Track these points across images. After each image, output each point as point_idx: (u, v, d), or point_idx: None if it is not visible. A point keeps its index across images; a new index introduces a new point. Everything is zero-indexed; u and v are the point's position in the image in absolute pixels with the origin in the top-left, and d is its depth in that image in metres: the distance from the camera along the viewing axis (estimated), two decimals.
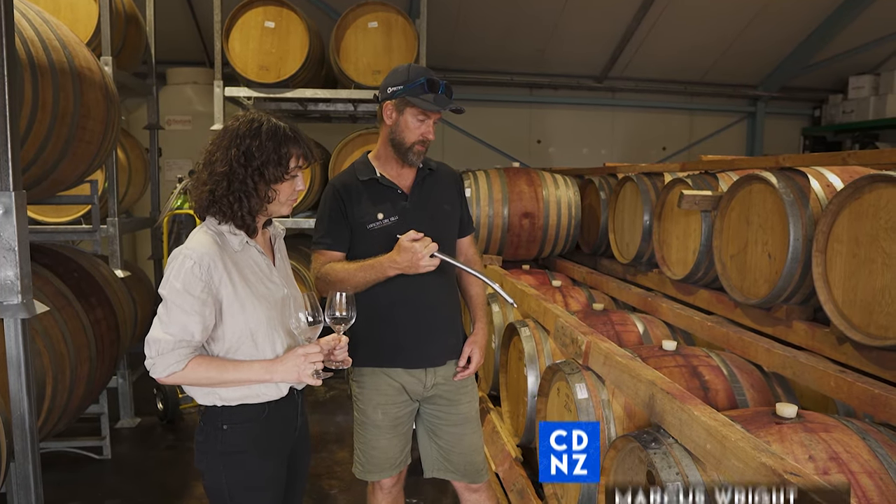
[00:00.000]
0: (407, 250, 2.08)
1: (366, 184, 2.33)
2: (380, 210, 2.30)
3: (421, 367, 2.38)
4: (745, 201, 3.46)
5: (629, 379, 2.29)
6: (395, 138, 2.28)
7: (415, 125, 2.24)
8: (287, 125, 1.80)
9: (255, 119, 1.78)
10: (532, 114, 9.68)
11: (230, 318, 1.75)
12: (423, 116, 2.23)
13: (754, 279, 3.36)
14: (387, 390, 2.36)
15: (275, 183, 1.77)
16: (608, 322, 3.48)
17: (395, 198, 2.34)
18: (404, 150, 2.28)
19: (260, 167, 1.74)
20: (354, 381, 2.42)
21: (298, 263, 5.44)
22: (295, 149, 1.78)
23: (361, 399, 2.40)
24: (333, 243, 2.30)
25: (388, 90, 2.26)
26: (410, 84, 2.20)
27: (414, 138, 2.26)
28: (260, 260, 1.84)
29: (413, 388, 2.39)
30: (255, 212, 1.79)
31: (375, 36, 5.22)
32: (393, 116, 2.26)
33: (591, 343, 2.65)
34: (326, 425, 4.54)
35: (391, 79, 2.28)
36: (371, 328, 2.31)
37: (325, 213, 2.34)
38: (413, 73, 2.23)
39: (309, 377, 1.75)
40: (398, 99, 2.23)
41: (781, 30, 8.40)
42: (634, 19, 8.20)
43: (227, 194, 1.74)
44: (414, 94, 2.20)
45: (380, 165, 2.37)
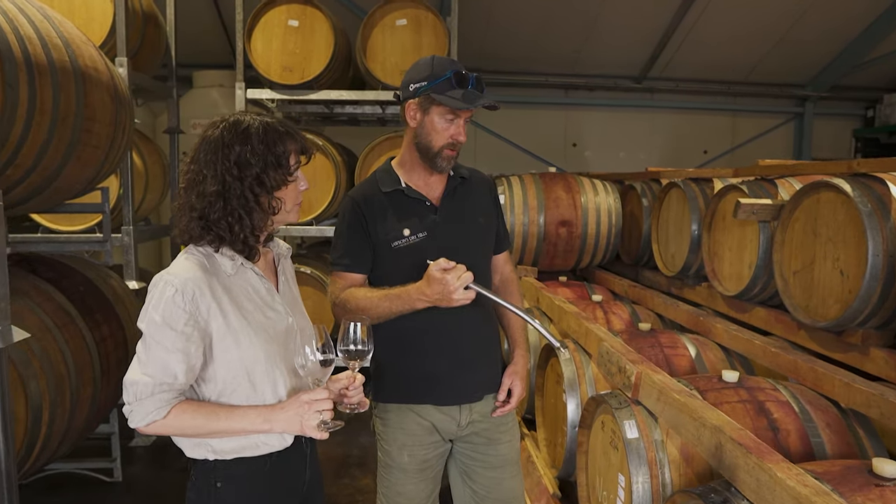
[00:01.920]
0: (437, 282, 1.79)
1: (389, 196, 2.03)
2: (406, 225, 2.00)
3: (454, 404, 2.07)
4: (811, 211, 3.10)
5: (690, 422, 1.96)
6: (421, 142, 1.99)
7: (443, 126, 1.94)
8: (275, 121, 1.54)
9: (239, 121, 1.51)
10: (567, 116, 9.33)
11: (222, 354, 1.48)
12: (451, 116, 1.93)
13: (822, 298, 3.00)
14: (415, 430, 2.06)
15: (278, 189, 1.51)
16: (656, 344, 3.14)
17: (424, 211, 2.05)
18: (432, 155, 1.98)
19: (258, 175, 1.47)
20: (378, 417, 2.13)
21: (323, 273, 5.19)
22: (291, 144, 1.53)
23: (386, 439, 2.10)
24: (353, 264, 2.01)
25: (409, 87, 1.96)
26: (435, 79, 1.90)
27: (442, 142, 1.96)
28: (258, 284, 1.57)
29: (445, 428, 2.09)
30: (260, 229, 1.52)
31: (404, 34, 4.96)
32: (417, 117, 1.97)
33: (643, 374, 2.33)
34: (349, 447, 4.28)
35: (413, 74, 1.97)
36: (397, 358, 2.04)
37: (343, 230, 2.05)
38: (438, 67, 1.93)
39: (313, 429, 1.47)
40: (422, 97, 1.94)
41: (833, 25, 7.93)
42: (676, 16, 7.82)
43: (225, 216, 1.48)
44: (440, 90, 1.90)
45: (405, 174, 2.08)
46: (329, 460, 4.06)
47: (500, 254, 2.28)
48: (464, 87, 1.90)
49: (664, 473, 2.21)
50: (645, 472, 2.21)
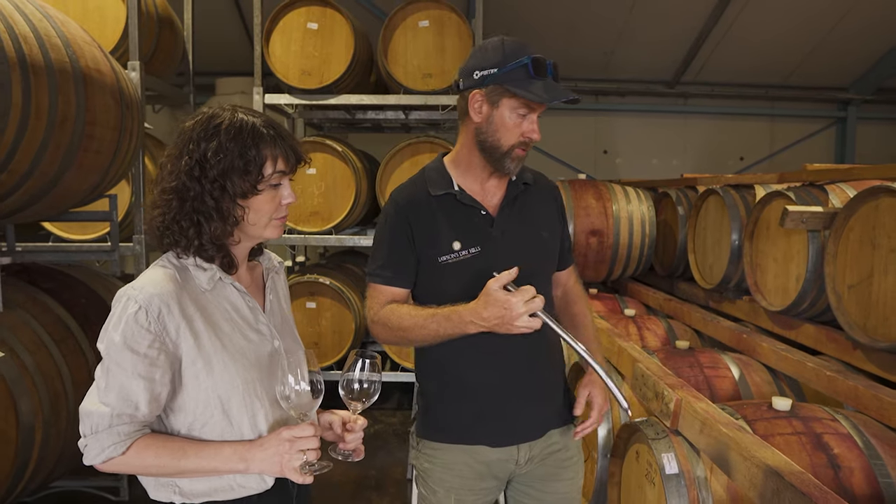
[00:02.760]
0: (497, 304, 1.47)
1: (439, 200, 1.74)
2: (456, 237, 1.71)
3: (511, 445, 1.77)
4: (868, 219, 2.81)
5: (740, 460, 1.71)
6: (486, 140, 1.68)
7: (514, 122, 1.65)
8: (260, 120, 1.32)
9: (215, 115, 1.31)
10: (597, 122, 9.07)
11: (192, 381, 1.28)
12: (525, 110, 1.64)
13: (883, 316, 2.71)
14: (465, 473, 1.77)
15: (242, 197, 1.29)
16: (695, 364, 2.88)
17: (478, 221, 1.74)
18: (499, 155, 1.68)
19: (219, 178, 1.27)
20: (423, 454, 1.83)
21: (344, 285, 5.01)
22: (269, 150, 1.30)
23: (432, 478, 1.81)
24: (395, 277, 1.73)
25: (474, 74, 1.65)
26: (508, 65, 1.61)
27: (513, 140, 1.67)
28: (239, 302, 1.37)
29: (501, 469, 1.79)
30: (221, 238, 1.31)
31: (426, 36, 4.77)
32: (483, 110, 1.66)
33: (683, 402, 2.09)
34: (366, 467, 4.07)
35: (479, 59, 1.66)
36: (444, 392, 1.77)
37: (384, 237, 1.76)
38: (510, 51, 1.63)
39: (294, 472, 1.26)
40: (491, 86, 1.63)
41: (877, 25, 7.55)
42: (711, 17, 7.52)
43: (180, 218, 1.28)
44: (514, 79, 1.60)
45: (459, 174, 1.78)
46: (345, 483, 3.85)
47: (564, 270, 1.98)
48: (542, 77, 1.61)
49: None
50: None
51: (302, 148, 1.38)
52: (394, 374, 4.89)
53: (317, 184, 4.78)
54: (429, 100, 4.77)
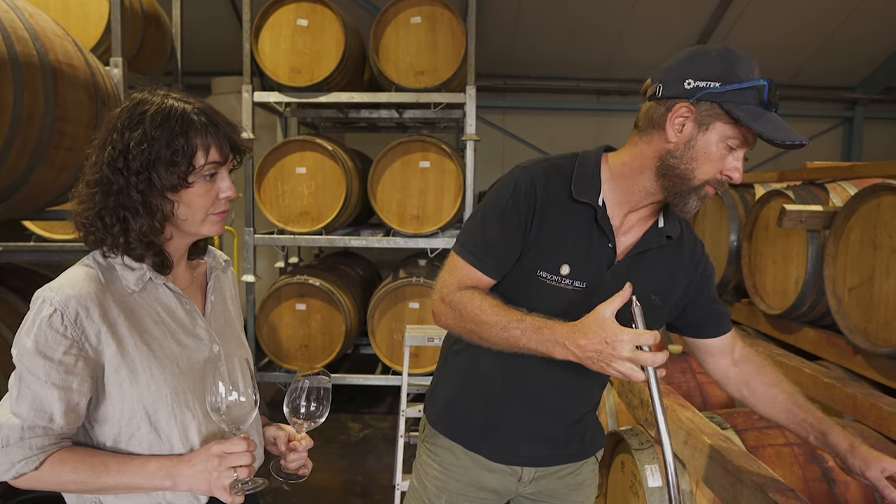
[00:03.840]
0: (601, 334, 1.19)
1: (577, 207, 1.43)
2: (569, 261, 1.42)
3: (514, 465, 1.61)
4: (870, 219, 2.69)
5: (724, 475, 1.60)
6: (675, 166, 1.34)
7: (720, 154, 1.32)
8: (192, 107, 1.20)
9: (143, 102, 1.19)
10: (599, 122, 8.93)
11: (116, 389, 1.17)
12: (737, 143, 1.31)
13: (885, 320, 2.58)
14: (463, 477, 1.62)
15: (172, 191, 1.18)
16: (688, 370, 2.77)
17: (601, 253, 1.44)
18: (686, 189, 1.35)
19: (144, 170, 1.16)
20: (428, 444, 1.69)
21: (335, 287, 4.91)
22: (200, 138, 1.18)
23: (427, 473, 1.67)
24: (492, 267, 1.44)
25: (686, 83, 1.31)
26: (736, 84, 1.28)
27: (710, 174, 1.33)
28: (173, 304, 1.26)
29: (502, 483, 1.63)
30: (150, 235, 1.20)
31: (419, 32, 4.66)
32: (686, 130, 1.33)
33: (668, 410, 1.97)
34: (353, 472, 3.96)
35: (695, 65, 1.33)
36: (462, 388, 1.62)
37: (498, 212, 1.43)
38: (740, 66, 1.29)
39: (223, 490, 1.15)
40: (706, 104, 1.30)
41: (886, 23, 7.39)
42: (713, 17, 7.39)
43: (104, 214, 1.17)
44: (739, 102, 1.28)
45: (610, 188, 1.44)
46: (329, 489, 3.75)
47: (718, 337, 1.60)
48: (771, 108, 1.29)
49: None
50: None
51: (239, 136, 1.26)
52: (385, 378, 4.78)
53: (307, 183, 4.68)
54: (421, 97, 4.67)
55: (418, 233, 4.68)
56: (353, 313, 5.00)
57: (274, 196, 4.71)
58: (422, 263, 5.27)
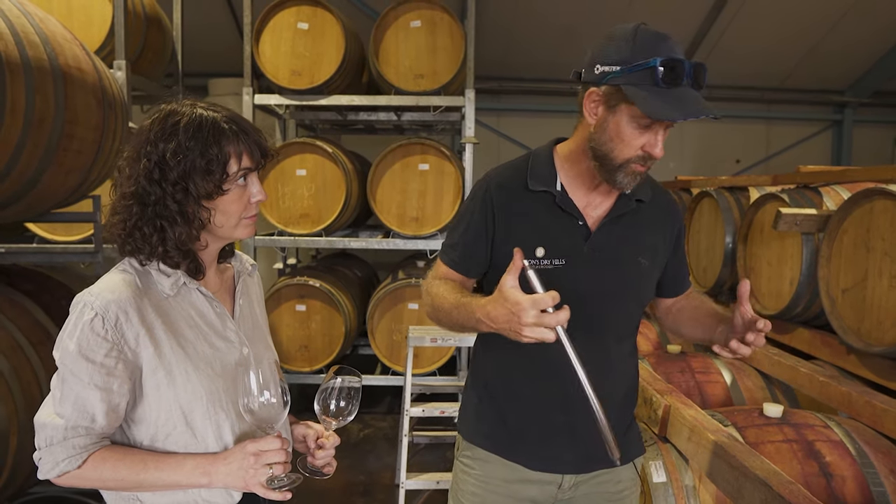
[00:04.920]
0: (506, 304, 1.22)
1: (536, 196, 1.52)
2: (543, 243, 1.49)
3: (551, 472, 1.60)
4: (862, 222, 2.77)
5: (728, 469, 1.66)
6: (598, 147, 1.43)
7: (632, 133, 1.38)
8: (221, 115, 1.25)
9: (173, 113, 1.24)
10: None
11: (154, 391, 1.22)
12: (648, 121, 1.36)
13: (878, 320, 2.66)
14: (500, 490, 1.61)
15: (207, 199, 1.23)
16: (687, 370, 2.83)
17: (572, 230, 1.52)
18: (611, 167, 1.43)
19: (181, 180, 1.20)
20: (463, 459, 1.69)
21: (334, 288, 4.95)
22: (232, 146, 1.23)
23: (463, 489, 1.67)
24: (458, 263, 1.56)
25: (595, 68, 1.39)
26: (636, 65, 1.34)
27: (629, 153, 1.40)
28: (206, 308, 1.31)
29: (541, 492, 1.62)
30: (187, 243, 1.25)
31: (418, 36, 4.72)
32: (599, 113, 1.41)
33: (672, 408, 2.03)
34: (355, 473, 4.00)
35: (603, 50, 1.40)
36: (488, 395, 1.63)
37: (464, 218, 1.58)
38: (641, 46, 1.36)
39: (259, 486, 1.20)
40: (610, 87, 1.37)
41: (875, 27, 7.51)
42: (706, 20, 7.48)
43: (142, 224, 1.22)
44: (639, 82, 1.33)
45: (566, 173, 1.54)
46: (332, 489, 3.79)
47: (679, 296, 1.73)
48: (674, 84, 1.32)
49: None
50: None
51: (270, 143, 1.32)
52: (384, 378, 4.83)
53: (307, 185, 4.73)
54: (420, 100, 4.72)
55: (417, 234, 4.73)
56: (353, 314, 5.05)
57: (274, 198, 4.75)
58: (420, 265, 5.33)
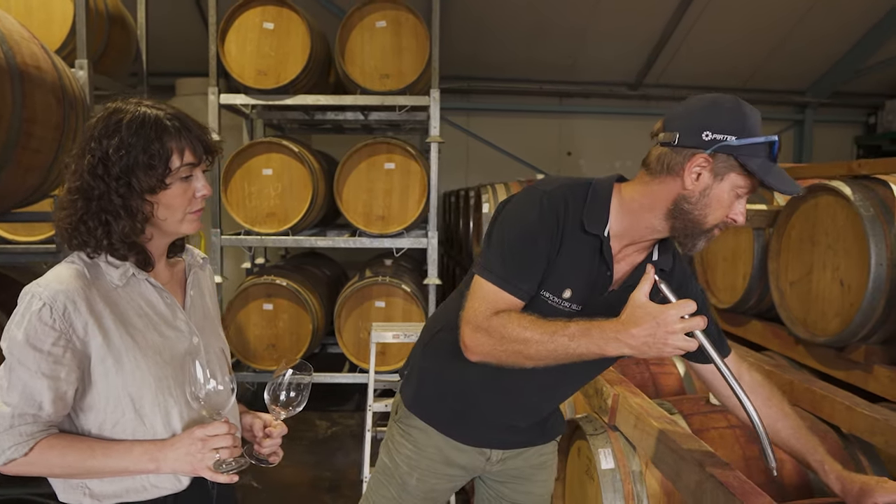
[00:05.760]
0: (648, 317, 1.24)
1: (586, 236, 1.49)
2: (572, 285, 1.49)
3: (485, 448, 1.78)
4: (808, 217, 2.87)
5: (668, 453, 1.73)
6: (690, 211, 1.40)
7: (729, 201, 1.39)
8: (164, 112, 1.29)
9: (117, 111, 1.27)
10: (561, 124, 9.13)
11: (102, 379, 1.25)
12: (745, 191, 1.39)
13: (822, 312, 2.76)
14: (434, 456, 1.77)
15: (150, 193, 1.27)
16: (642, 362, 2.90)
17: (599, 279, 1.52)
18: (697, 232, 1.42)
19: (123, 175, 1.24)
20: (401, 424, 1.81)
21: (301, 286, 4.97)
22: (175, 142, 1.27)
23: (399, 451, 1.80)
24: (525, 290, 1.47)
25: (704, 134, 1.36)
26: (749, 138, 1.35)
27: (719, 219, 1.41)
28: (155, 299, 1.34)
29: (471, 462, 1.79)
30: (132, 236, 1.28)
31: (384, 36, 4.75)
32: (703, 179, 1.38)
33: (620, 397, 2.10)
34: (321, 469, 4.03)
35: (711, 117, 1.37)
36: (439, 374, 1.74)
37: (525, 237, 1.47)
38: (753, 121, 1.37)
39: (207, 470, 1.24)
40: (724, 155, 1.36)
41: (833, 30, 7.73)
42: (670, 22, 7.63)
43: (87, 218, 1.25)
44: (753, 156, 1.35)
45: (616, 219, 1.49)
46: (298, 484, 3.82)
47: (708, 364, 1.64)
48: (774, 160, 1.37)
49: None
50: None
51: (210, 138, 1.34)
52: (352, 376, 4.86)
53: (273, 185, 4.74)
54: (386, 100, 4.76)
55: (384, 233, 4.77)
56: (321, 313, 5.07)
57: (240, 197, 4.75)
58: (388, 263, 5.36)
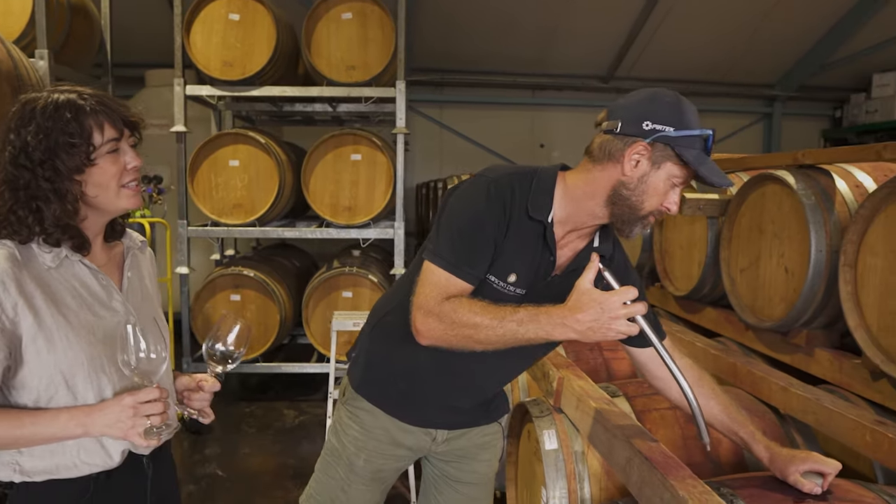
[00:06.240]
0: (592, 303, 1.30)
1: (530, 221, 1.53)
2: (516, 269, 1.53)
3: (431, 428, 1.81)
4: (757, 206, 2.95)
5: (603, 432, 1.79)
6: (628, 197, 1.45)
7: (664, 189, 1.45)
8: (77, 94, 1.31)
9: (31, 100, 1.29)
10: (534, 116, 9.20)
11: (34, 357, 1.27)
12: (680, 180, 1.46)
13: (769, 297, 2.84)
14: (381, 437, 1.80)
15: (78, 173, 1.29)
16: (595, 347, 2.97)
17: (542, 264, 1.55)
18: (633, 218, 1.48)
19: (47, 159, 1.26)
20: (349, 406, 1.83)
21: (269, 277, 4.98)
22: (92, 118, 1.28)
23: (347, 433, 1.82)
24: (474, 275, 1.49)
25: (644, 124, 1.43)
26: (686, 131, 1.42)
27: (654, 206, 1.47)
28: (90, 280, 1.36)
29: (417, 442, 1.82)
30: (64, 219, 1.30)
31: (350, 28, 4.76)
32: (641, 167, 1.44)
33: (564, 380, 2.15)
34: (286, 456, 4.05)
35: (651, 109, 1.44)
36: (387, 357, 1.77)
37: (474, 223, 1.50)
38: (689, 115, 1.44)
39: (138, 436, 1.26)
40: (660, 145, 1.42)
41: (799, 25, 7.86)
42: (641, 15, 7.72)
43: (16, 208, 1.27)
44: (688, 147, 1.41)
45: (560, 207, 1.54)
46: (262, 472, 3.84)
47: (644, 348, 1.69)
48: (708, 153, 1.45)
49: (583, 488, 2.03)
50: (562, 486, 2.03)
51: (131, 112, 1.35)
52: (320, 366, 4.88)
53: (240, 176, 4.74)
54: (352, 92, 4.77)
55: (351, 223, 4.80)
56: (288, 304, 5.08)
57: (207, 188, 4.75)
58: (356, 254, 5.39)
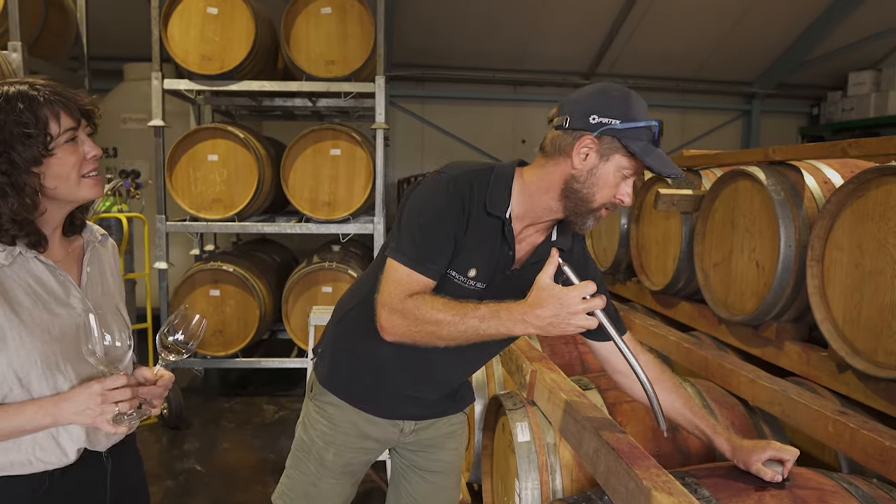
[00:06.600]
0: (552, 299, 1.32)
1: (489, 217, 1.56)
2: (476, 264, 1.56)
3: (398, 420, 1.84)
4: (729, 201, 2.99)
5: (573, 424, 1.81)
6: (579, 190, 1.48)
7: (615, 181, 1.47)
8: (29, 85, 1.29)
9: None
10: (516, 112, 9.22)
11: None
12: (630, 172, 1.48)
13: (740, 292, 2.89)
14: (349, 430, 1.82)
15: (35, 164, 1.27)
16: (571, 341, 3.00)
17: (501, 259, 1.59)
18: (585, 210, 1.50)
19: (2, 152, 1.24)
20: (316, 401, 1.84)
21: (249, 272, 4.96)
22: (47, 109, 1.27)
23: (315, 427, 1.83)
24: (435, 271, 1.52)
25: (591, 118, 1.46)
26: (633, 123, 1.45)
27: (606, 199, 1.49)
28: (46, 276, 1.34)
29: (385, 434, 1.85)
30: (22, 213, 1.29)
31: (329, 23, 4.75)
32: (589, 160, 1.46)
33: (537, 373, 2.18)
34: (266, 451, 4.05)
35: (599, 103, 1.48)
36: (353, 352, 1.78)
37: (434, 220, 1.52)
38: (637, 108, 1.47)
39: (107, 423, 1.26)
40: (608, 138, 1.45)
41: (777, 24, 7.94)
42: (621, 12, 7.75)
43: None
44: (635, 139, 1.44)
45: (518, 203, 1.57)
46: (242, 467, 3.84)
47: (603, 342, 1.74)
48: (657, 145, 1.47)
49: (555, 479, 2.06)
50: (535, 477, 2.06)
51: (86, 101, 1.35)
52: (300, 361, 4.88)
53: (219, 171, 4.72)
54: (332, 86, 4.76)
55: (330, 219, 4.79)
56: (268, 299, 5.07)
57: (186, 183, 4.72)
58: (335, 249, 5.38)
